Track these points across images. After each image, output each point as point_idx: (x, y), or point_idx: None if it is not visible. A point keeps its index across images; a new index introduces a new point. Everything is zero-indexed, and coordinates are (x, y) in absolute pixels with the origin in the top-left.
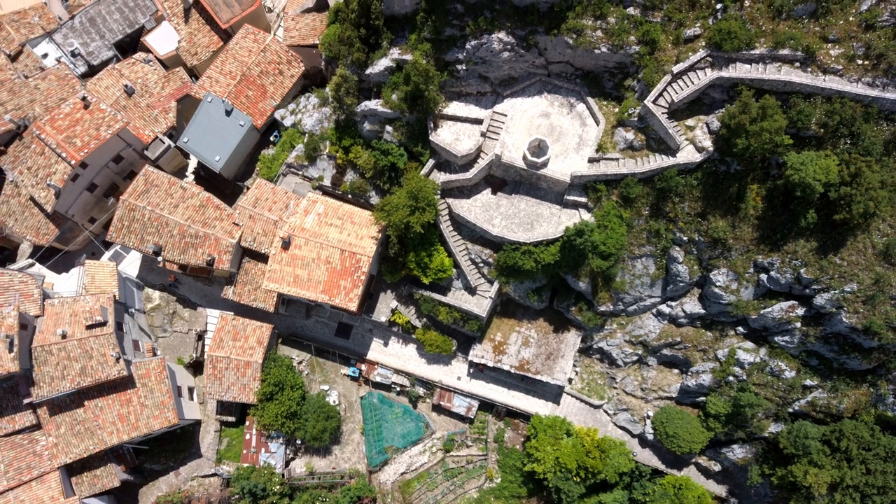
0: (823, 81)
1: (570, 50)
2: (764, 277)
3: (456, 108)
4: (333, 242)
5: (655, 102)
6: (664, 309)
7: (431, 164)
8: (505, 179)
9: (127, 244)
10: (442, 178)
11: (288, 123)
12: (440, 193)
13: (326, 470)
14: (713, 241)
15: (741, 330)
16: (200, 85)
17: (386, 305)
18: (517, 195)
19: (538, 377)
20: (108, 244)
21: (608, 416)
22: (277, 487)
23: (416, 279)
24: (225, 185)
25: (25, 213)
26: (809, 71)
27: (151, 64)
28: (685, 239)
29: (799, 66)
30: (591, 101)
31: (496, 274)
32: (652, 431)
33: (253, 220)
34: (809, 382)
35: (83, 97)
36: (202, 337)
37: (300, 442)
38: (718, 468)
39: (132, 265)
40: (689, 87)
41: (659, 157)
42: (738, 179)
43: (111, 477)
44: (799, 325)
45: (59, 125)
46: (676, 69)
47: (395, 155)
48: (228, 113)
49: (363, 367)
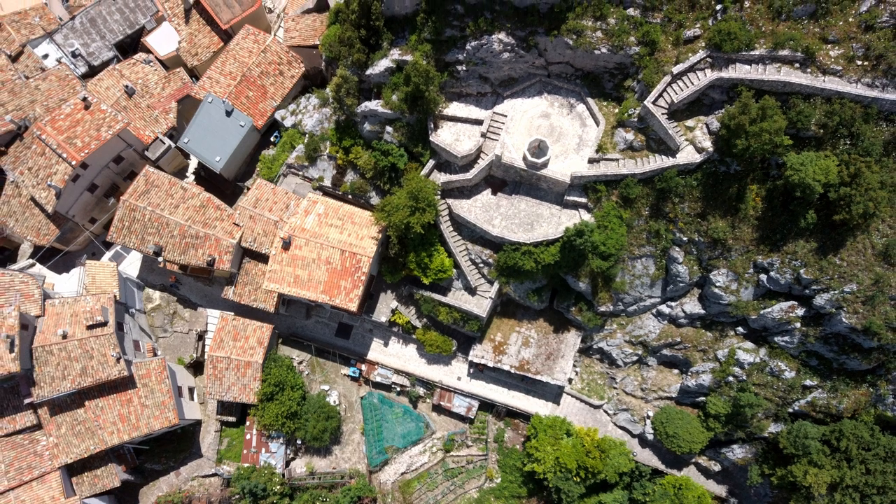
0: (823, 82)
1: (570, 51)
2: (764, 278)
3: (456, 108)
4: (334, 243)
5: (655, 103)
6: (664, 309)
7: (432, 164)
8: (505, 180)
9: (127, 244)
10: (442, 178)
11: (288, 124)
12: (440, 194)
13: (327, 470)
14: (713, 241)
15: (741, 330)
16: (201, 85)
17: (386, 306)
18: (517, 196)
19: (538, 377)
20: (108, 244)
21: (608, 416)
22: (278, 487)
23: (416, 279)
24: (225, 185)
25: (26, 213)
26: (809, 72)
27: (152, 64)
28: (685, 239)
29: (798, 66)
30: (591, 101)
31: (496, 274)
32: (652, 431)
33: (253, 220)
34: (809, 382)
35: (84, 98)
36: (202, 337)
37: (300, 442)
38: (718, 468)
39: (133, 265)
40: (688, 87)
41: (659, 157)
42: (737, 180)
43: (112, 477)
44: (799, 325)
45: (59, 126)
46: (676, 70)
47: (395, 155)
48: (229, 113)
49: (363, 367)
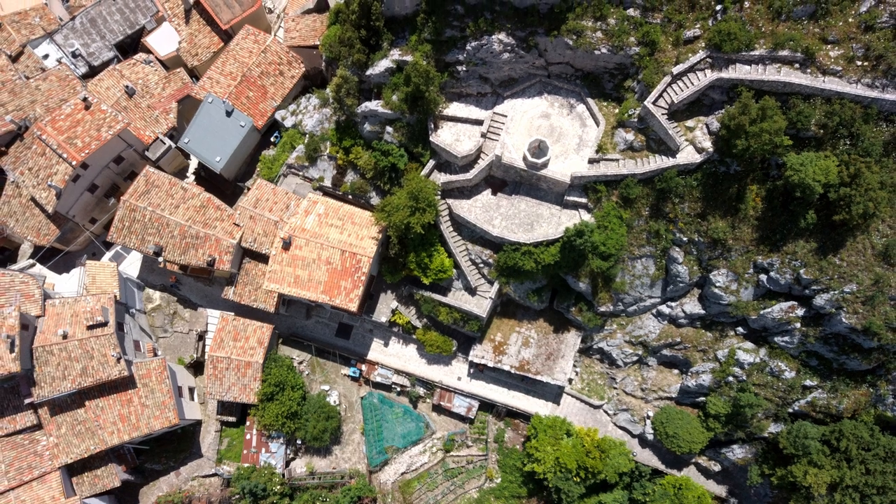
0: (823, 82)
1: (570, 51)
2: (764, 278)
3: (456, 108)
4: (334, 243)
5: (655, 103)
6: (664, 309)
7: (432, 164)
8: (505, 180)
9: (128, 245)
10: (442, 178)
11: (288, 124)
12: (440, 194)
13: (327, 470)
14: (713, 241)
15: (741, 330)
16: (201, 86)
17: (386, 306)
18: (517, 196)
19: (538, 377)
20: (108, 245)
21: (608, 416)
22: (278, 487)
23: (416, 280)
24: (225, 185)
25: (26, 213)
26: (809, 72)
27: (152, 65)
28: (685, 239)
29: (798, 67)
30: (591, 101)
31: (496, 274)
32: (652, 431)
33: (253, 220)
34: (809, 383)
35: (84, 98)
36: (203, 337)
37: (300, 442)
38: (718, 468)
39: (133, 266)
40: (688, 88)
41: (659, 157)
42: (737, 180)
43: (112, 477)
44: (799, 325)
45: (60, 126)
46: (676, 70)
47: (395, 156)
48: (229, 114)
49: (363, 367)
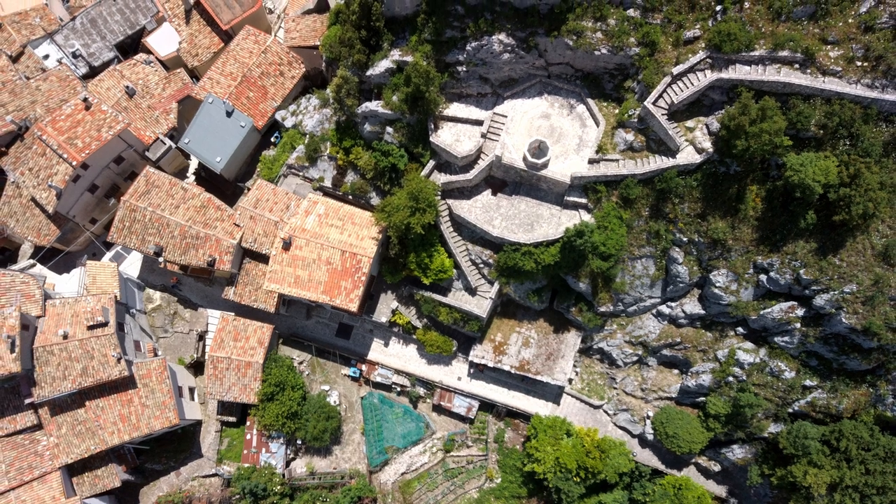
0: (823, 83)
1: (570, 51)
2: (763, 278)
3: (456, 109)
4: (334, 243)
5: (655, 104)
6: (664, 309)
7: (432, 165)
8: (505, 180)
9: (128, 245)
10: (442, 179)
11: (289, 124)
12: (440, 194)
13: (327, 470)
14: (713, 241)
15: (741, 330)
16: (201, 86)
17: (386, 306)
18: (517, 196)
19: (538, 377)
20: (109, 245)
21: (608, 416)
22: (278, 487)
23: (416, 280)
24: (226, 186)
25: (27, 213)
26: (809, 72)
27: (152, 65)
28: (685, 240)
29: (798, 67)
30: (591, 102)
31: (496, 275)
32: (652, 432)
33: (254, 220)
34: (809, 383)
35: (84, 98)
36: (203, 337)
37: (301, 442)
38: (718, 468)
39: (133, 266)
40: (688, 88)
41: (659, 158)
42: (737, 180)
43: (112, 477)
44: (798, 325)
45: (60, 126)
46: (676, 71)
47: (395, 156)
48: (229, 114)
49: (364, 367)
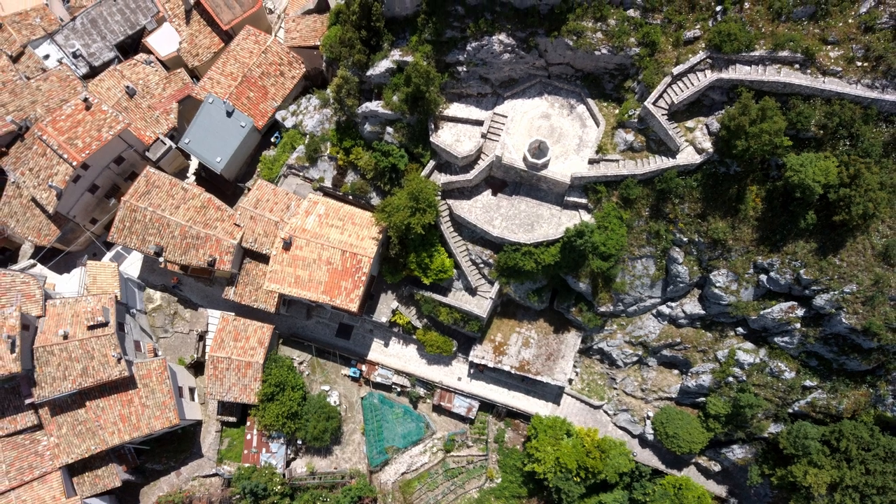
0: (823, 83)
1: (570, 52)
2: (764, 278)
3: (456, 109)
4: (334, 243)
5: (655, 104)
6: (664, 310)
7: (432, 165)
8: (505, 181)
9: (128, 245)
10: (442, 179)
11: (289, 125)
12: (441, 194)
13: (327, 470)
14: (713, 242)
15: (741, 330)
16: (202, 86)
17: (387, 306)
18: (517, 196)
19: (538, 378)
20: (109, 245)
21: (608, 416)
22: (278, 487)
23: (416, 280)
24: (226, 186)
25: (27, 213)
26: (809, 73)
27: (153, 65)
28: (685, 240)
29: (798, 67)
30: (591, 102)
31: (496, 275)
32: (652, 432)
33: (254, 221)
34: (809, 383)
35: (85, 98)
36: (203, 337)
37: (301, 442)
38: (718, 468)
39: (133, 266)
40: (688, 88)
41: (659, 158)
42: (737, 181)
43: (112, 477)
44: (798, 325)
45: (60, 126)
46: (676, 71)
47: (395, 156)
48: (229, 114)
49: (364, 367)
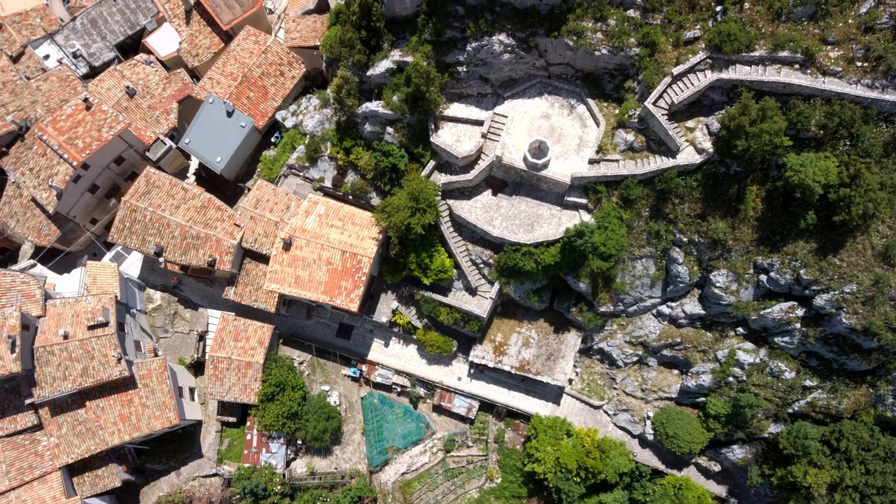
0: (823, 83)
1: (570, 52)
2: (764, 278)
3: (457, 109)
4: (334, 243)
5: (655, 104)
6: (664, 310)
7: (432, 165)
8: (505, 181)
9: (128, 245)
10: (443, 179)
11: (289, 125)
12: (441, 195)
13: (327, 470)
14: (713, 242)
15: (741, 331)
16: (202, 86)
17: (387, 306)
18: (517, 196)
19: (538, 378)
20: (109, 245)
21: (608, 416)
22: (278, 487)
23: (416, 280)
24: (226, 186)
25: (27, 213)
26: (809, 73)
27: (153, 65)
28: (685, 240)
29: (798, 68)
30: (591, 102)
31: (497, 275)
32: (652, 432)
33: (254, 221)
34: (809, 383)
35: (85, 98)
36: (203, 337)
37: (301, 442)
38: (718, 468)
39: (133, 266)
40: (688, 88)
41: (659, 158)
42: (737, 181)
43: (112, 477)
44: (799, 325)
45: (60, 126)
46: (676, 71)
47: (395, 156)
48: (230, 114)
49: (364, 367)
